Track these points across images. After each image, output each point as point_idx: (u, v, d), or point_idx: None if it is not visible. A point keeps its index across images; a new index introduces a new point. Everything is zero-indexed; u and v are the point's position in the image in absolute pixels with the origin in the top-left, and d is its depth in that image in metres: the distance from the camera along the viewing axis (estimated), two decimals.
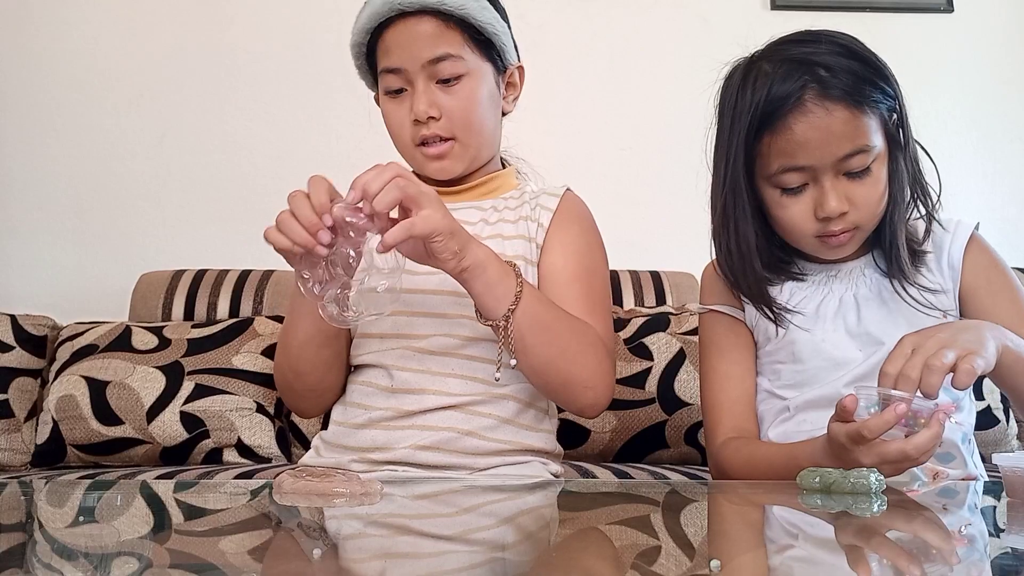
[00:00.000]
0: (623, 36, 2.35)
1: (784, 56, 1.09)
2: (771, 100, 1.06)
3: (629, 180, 2.31)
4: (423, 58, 1.13)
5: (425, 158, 1.17)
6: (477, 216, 1.20)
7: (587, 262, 1.18)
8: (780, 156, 1.07)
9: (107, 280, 2.20)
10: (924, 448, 0.88)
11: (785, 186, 1.09)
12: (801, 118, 1.05)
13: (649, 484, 1.25)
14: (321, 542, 0.66)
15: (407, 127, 1.16)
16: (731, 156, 1.12)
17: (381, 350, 1.15)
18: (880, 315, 1.14)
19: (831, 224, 1.09)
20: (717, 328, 1.22)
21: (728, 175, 1.13)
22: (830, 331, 1.14)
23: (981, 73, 2.41)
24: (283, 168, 2.26)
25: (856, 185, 1.08)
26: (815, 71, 1.06)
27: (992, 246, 1.20)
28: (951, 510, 0.85)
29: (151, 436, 1.71)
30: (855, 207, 1.08)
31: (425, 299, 1.14)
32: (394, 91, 1.16)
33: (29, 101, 2.28)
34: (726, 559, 0.57)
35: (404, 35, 1.13)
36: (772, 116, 1.06)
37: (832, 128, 1.05)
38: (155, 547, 0.61)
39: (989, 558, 0.61)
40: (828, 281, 1.18)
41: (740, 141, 1.10)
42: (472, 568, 0.56)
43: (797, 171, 1.08)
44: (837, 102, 1.05)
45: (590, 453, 1.75)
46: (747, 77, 1.11)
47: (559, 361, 1.06)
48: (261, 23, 2.32)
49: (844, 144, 1.05)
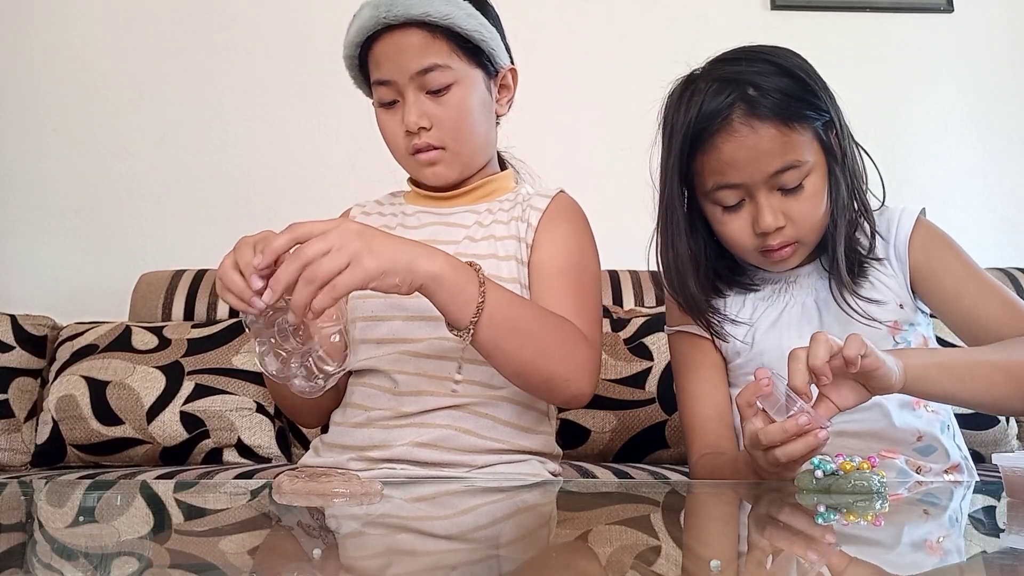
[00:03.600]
0: (623, 36, 2.35)
1: (717, 75, 1.10)
2: (700, 119, 1.08)
3: (629, 180, 2.30)
4: (411, 69, 1.14)
5: (419, 165, 1.19)
6: (472, 219, 1.21)
7: (575, 257, 1.18)
8: (712, 175, 1.09)
9: (107, 280, 2.20)
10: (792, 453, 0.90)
11: (722, 203, 1.11)
12: (728, 138, 1.06)
13: (649, 484, 1.25)
14: (321, 542, 0.66)
15: (400, 137, 1.18)
16: (668, 173, 1.14)
17: (379, 355, 1.15)
18: (840, 318, 1.14)
19: (768, 239, 1.10)
20: (682, 348, 1.24)
21: (665, 192, 1.15)
22: (795, 338, 1.12)
23: (981, 73, 2.41)
24: (283, 168, 2.26)
25: (791, 200, 1.09)
26: (744, 90, 1.07)
27: (939, 227, 1.19)
28: (950, 510, 0.85)
29: (151, 436, 1.71)
30: (792, 222, 1.09)
31: (419, 303, 1.13)
32: (387, 103, 1.18)
33: (29, 101, 2.28)
34: (726, 559, 0.57)
35: (391, 48, 1.15)
36: (701, 135, 1.08)
37: (760, 146, 1.06)
38: (155, 547, 0.61)
39: (989, 558, 0.61)
40: (787, 288, 1.18)
41: (675, 159, 1.11)
42: (472, 568, 0.56)
43: (730, 188, 1.09)
44: (764, 120, 1.06)
45: (590, 453, 1.75)
46: (683, 95, 1.12)
47: (538, 360, 1.05)
48: (261, 23, 2.32)
49: (773, 161, 1.06)
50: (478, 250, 1.17)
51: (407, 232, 1.23)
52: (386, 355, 1.15)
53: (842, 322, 1.13)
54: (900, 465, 1.09)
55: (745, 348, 1.18)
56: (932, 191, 2.28)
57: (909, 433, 1.12)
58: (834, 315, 1.14)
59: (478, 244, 1.18)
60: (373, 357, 1.16)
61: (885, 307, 1.14)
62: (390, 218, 1.27)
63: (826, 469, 0.85)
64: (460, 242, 1.18)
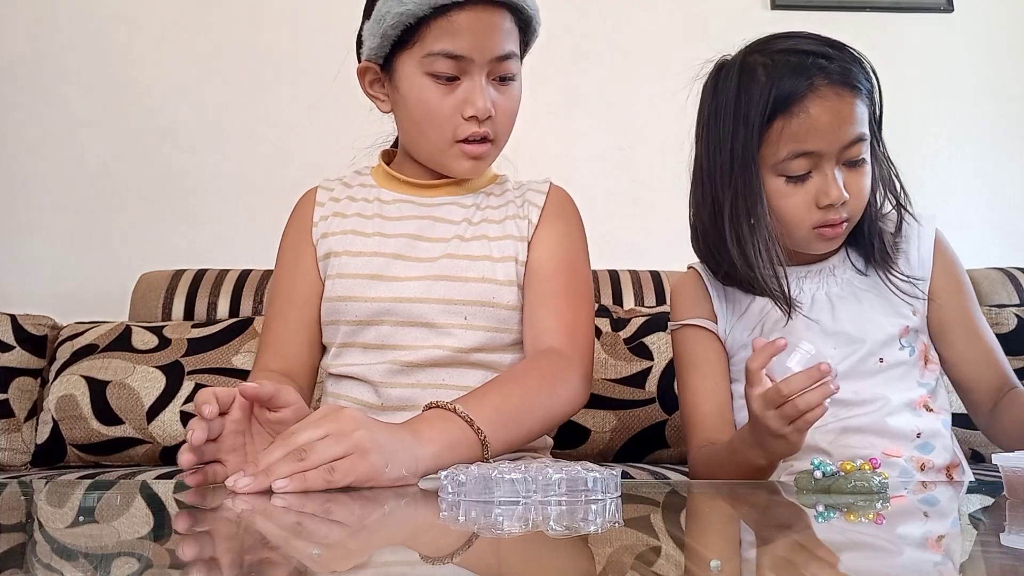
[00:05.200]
0: (623, 36, 2.35)
1: (778, 48, 1.12)
2: (783, 87, 1.08)
3: (629, 180, 2.32)
4: (493, 52, 1.08)
5: (462, 154, 1.12)
6: (460, 215, 1.18)
7: (571, 257, 1.17)
8: (791, 141, 1.08)
9: (107, 280, 2.20)
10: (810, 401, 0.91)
11: (790, 173, 1.10)
12: (818, 100, 1.07)
13: (649, 484, 1.25)
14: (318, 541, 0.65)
15: (449, 118, 1.10)
16: (737, 151, 1.11)
17: (366, 363, 1.12)
18: (854, 313, 1.15)
19: (831, 213, 1.10)
20: (688, 344, 1.24)
21: (734, 170, 1.11)
22: (803, 330, 1.14)
23: (981, 73, 2.41)
24: (283, 168, 2.26)
25: (853, 175, 1.10)
26: (816, 60, 1.09)
27: (950, 245, 1.22)
28: (950, 510, 0.85)
29: (151, 436, 1.71)
30: (852, 197, 1.10)
31: (411, 308, 1.11)
32: (447, 77, 1.09)
33: (29, 101, 2.28)
34: (726, 559, 0.57)
35: (480, 23, 1.07)
36: (787, 101, 1.07)
37: (843, 112, 1.07)
38: (155, 547, 0.61)
39: (989, 558, 0.61)
40: (798, 281, 1.19)
41: (753, 128, 1.09)
42: (471, 568, 0.56)
43: (805, 156, 1.09)
44: (846, 88, 1.08)
45: (590, 453, 1.75)
46: (746, 72, 1.11)
47: (543, 423, 1.06)
48: (261, 23, 2.32)
49: (852, 129, 1.08)
50: (470, 251, 1.14)
51: (387, 223, 1.18)
52: (374, 364, 1.11)
53: (853, 318, 1.14)
54: (903, 464, 1.09)
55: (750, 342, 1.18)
56: (932, 191, 2.28)
57: (908, 430, 1.12)
58: (848, 309, 1.15)
59: (469, 244, 1.15)
60: (358, 364, 1.13)
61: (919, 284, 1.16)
62: (363, 204, 1.21)
63: (826, 470, 0.85)
64: (450, 241, 1.15)
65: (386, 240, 1.17)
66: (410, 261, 1.15)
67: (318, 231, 1.21)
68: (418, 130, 1.14)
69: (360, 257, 1.16)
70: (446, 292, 1.12)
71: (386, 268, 1.14)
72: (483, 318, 1.12)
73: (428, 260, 1.14)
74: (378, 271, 1.14)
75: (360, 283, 1.13)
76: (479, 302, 1.12)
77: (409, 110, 1.13)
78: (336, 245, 1.18)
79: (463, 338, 1.11)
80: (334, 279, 1.15)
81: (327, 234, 1.19)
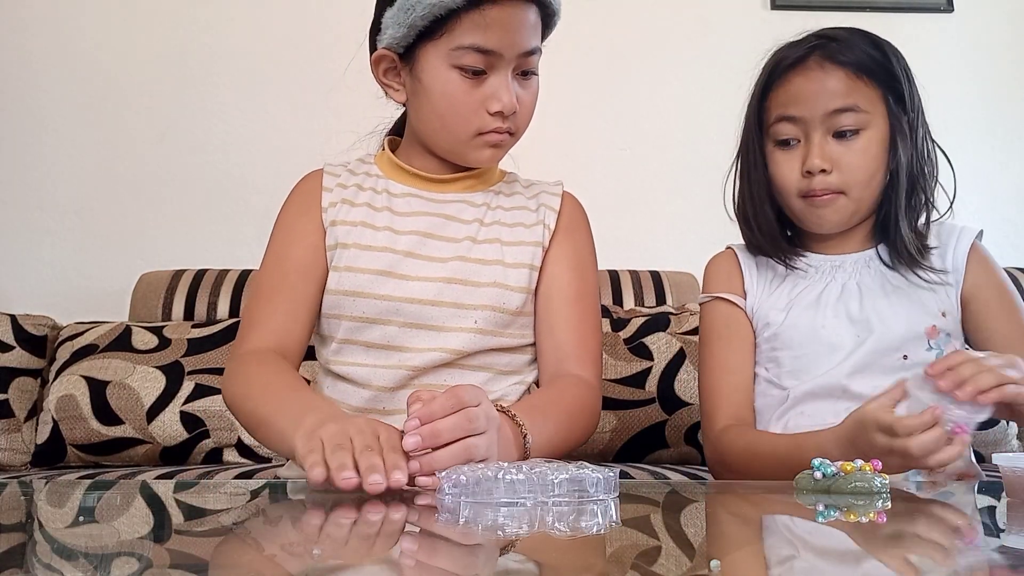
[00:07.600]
0: (623, 36, 2.35)
1: (810, 33, 1.19)
2: (781, 59, 1.17)
3: (629, 180, 2.32)
4: (521, 47, 1.09)
5: (483, 144, 1.11)
6: (471, 215, 1.16)
7: (587, 277, 1.19)
8: (778, 107, 1.16)
9: (107, 280, 2.20)
10: (928, 449, 0.90)
11: (778, 137, 1.17)
12: (801, 72, 1.15)
13: (649, 484, 1.25)
14: (321, 541, 0.65)
15: (474, 112, 1.09)
16: (750, 118, 1.20)
17: (368, 365, 1.10)
18: (882, 304, 1.17)
19: (813, 181, 1.14)
20: (718, 317, 1.25)
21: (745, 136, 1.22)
22: (830, 317, 1.17)
23: (981, 73, 2.41)
24: (283, 168, 2.25)
25: (843, 147, 1.14)
26: (826, 42, 1.15)
27: (992, 256, 1.22)
28: (951, 510, 0.85)
29: (151, 436, 1.71)
30: (839, 169, 1.14)
31: (421, 310, 1.09)
32: (474, 71, 1.08)
33: (29, 101, 2.28)
34: (726, 559, 0.57)
35: (511, 18, 1.07)
36: (780, 68, 1.16)
37: (826, 84, 1.14)
38: (155, 547, 0.61)
39: (989, 558, 0.60)
40: (832, 271, 1.21)
41: (755, 97, 1.19)
42: (470, 568, 0.56)
43: (789, 121, 1.15)
44: (837, 65, 1.14)
45: (590, 453, 1.75)
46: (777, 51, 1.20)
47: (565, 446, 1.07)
48: (261, 23, 2.32)
49: (835, 100, 1.13)
50: (482, 254, 1.13)
51: (397, 218, 1.15)
52: (378, 368, 1.09)
53: (881, 308, 1.15)
54: None
55: (777, 321, 1.19)
56: None
57: None
58: (877, 300, 1.17)
59: (481, 247, 1.14)
60: (361, 365, 1.10)
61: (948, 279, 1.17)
62: (371, 193, 1.18)
63: (826, 471, 0.85)
64: (461, 242, 1.13)
65: (397, 236, 1.14)
66: (421, 260, 1.12)
67: (328, 217, 1.16)
68: (441, 122, 1.12)
69: (370, 251, 1.12)
70: (458, 296, 1.10)
71: (397, 265, 1.11)
72: (491, 322, 1.11)
73: (440, 260, 1.12)
74: (388, 267, 1.11)
75: (370, 279, 1.11)
76: (489, 306, 1.11)
77: (432, 102, 1.11)
78: (345, 236, 1.13)
79: (468, 341, 1.10)
80: (342, 272, 1.12)
81: (336, 222, 1.15)
